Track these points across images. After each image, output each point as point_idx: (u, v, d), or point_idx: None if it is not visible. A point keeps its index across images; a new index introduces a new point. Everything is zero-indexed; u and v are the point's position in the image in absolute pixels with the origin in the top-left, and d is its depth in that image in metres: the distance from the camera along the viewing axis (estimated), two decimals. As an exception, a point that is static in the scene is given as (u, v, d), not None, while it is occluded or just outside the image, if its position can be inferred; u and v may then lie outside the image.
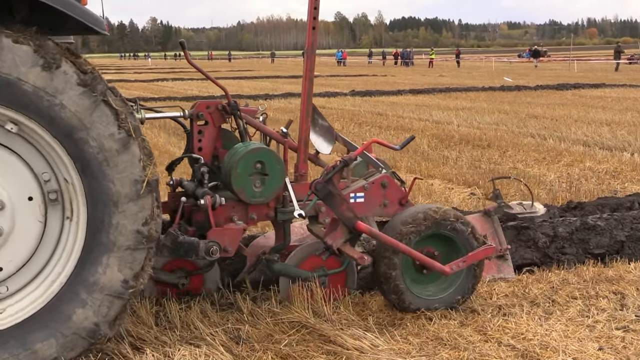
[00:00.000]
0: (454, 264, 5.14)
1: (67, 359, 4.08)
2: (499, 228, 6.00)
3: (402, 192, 5.52)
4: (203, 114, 5.40)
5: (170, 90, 35.14)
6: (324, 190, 5.02)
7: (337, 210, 5.09)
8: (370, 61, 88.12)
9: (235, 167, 5.02)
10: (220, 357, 4.37)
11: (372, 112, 21.92)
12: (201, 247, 4.82)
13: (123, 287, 4.14)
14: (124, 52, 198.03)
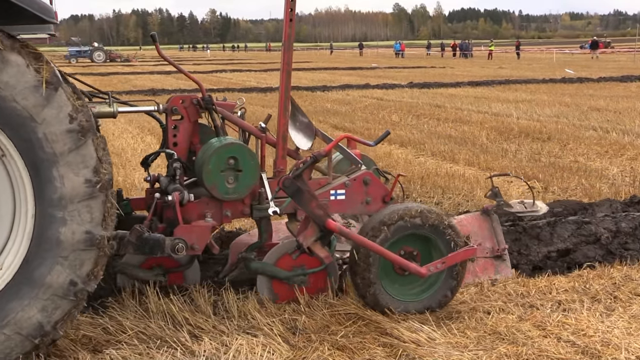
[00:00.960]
0: (432, 265, 4.96)
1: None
2: (498, 227, 5.83)
3: (385, 190, 5.35)
4: (177, 108, 5.28)
5: (229, 82, 35.39)
6: (292, 186, 4.89)
7: (307, 207, 4.94)
8: (429, 53, 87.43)
9: (207, 163, 4.92)
10: (277, 347, 4.40)
11: (430, 104, 21.75)
12: (167, 244, 4.71)
13: (70, 288, 4.01)
14: (184, 43, 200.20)
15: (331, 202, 5.24)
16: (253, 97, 25.43)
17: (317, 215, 4.96)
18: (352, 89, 29.05)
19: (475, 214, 5.92)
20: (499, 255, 5.77)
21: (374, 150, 12.60)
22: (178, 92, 27.78)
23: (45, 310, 4.01)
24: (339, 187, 5.26)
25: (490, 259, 5.76)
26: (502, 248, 5.76)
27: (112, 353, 4.35)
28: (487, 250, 5.76)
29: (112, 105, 5.11)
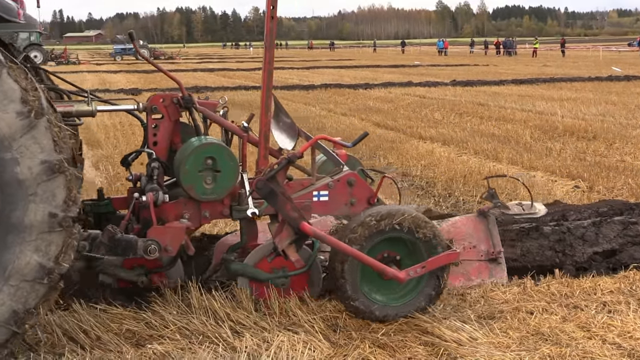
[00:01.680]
0: (412, 270, 4.81)
1: None
2: (494, 229, 5.67)
3: (370, 191, 5.24)
4: (157, 107, 5.16)
5: (271, 79, 35.46)
6: (265, 188, 4.77)
7: (281, 209, 4.83)
8: (472, 50, 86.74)
9: (184, 163, 4.85)
10: (318, 344, 4.41)
11: (474, 102, 21.59)
12: (139, 245, 4.65)
13: (40, 271, 3.96)
14: (227, 41, 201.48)
15: (314, 204, 5.14)
16: (295, 94, 25.52)
17: (291, 218, 4.82)
18: (394, 86, 28.96)
19: (471, 216, 5.77)
20: (494, 258, 5.62)
21: (416, 148, 12.56)
22: (221, 89, 27.99)
23: (17, 296, 3.96)
24: (322, 188, 5.16)
25: (485, 262, 5.61)
26: (497, 251, 5.60)
27: (154, 347, 4.39)
28: (482, 253, 5.61)
29: (90, 104, 5.04)
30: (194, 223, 5.09)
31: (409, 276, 4.82)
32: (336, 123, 16.64)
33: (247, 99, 23.68)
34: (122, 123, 17.33)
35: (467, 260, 5.56)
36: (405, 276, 4.80)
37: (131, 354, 4.31)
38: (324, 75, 39.66)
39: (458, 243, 5.53)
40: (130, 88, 28.95)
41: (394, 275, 4.78)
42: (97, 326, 4.68)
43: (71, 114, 5.02)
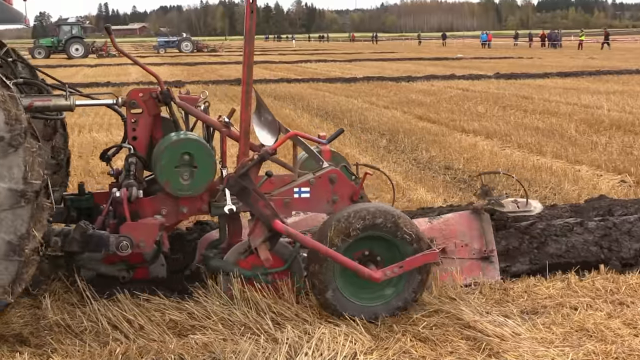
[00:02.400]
0: (389, 270, 4.69)
1: None
2: (488, 227, 5.53)
3: (353, 188, 5.16)
4: (136, 101, 5.06)
5: (314, 72, 35.52)
6: (237, 185, 4.73)
7: (253, 207, 4.77)
8: (516, 43, 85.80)
9: (159, 159, 4.82)
10: (359, 336, 4.40)
11: (517, 95, 21.36)
12: (111, 241, 4.64)
13: (9, 248, 4.00)
14: (269, 34, 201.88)
15: (295, 200, 5.10)
16: (337, 87, 25.49)
17: (264, 215, 4.76)
18: (437, 79, 28.78)
19: (465, 213, 5.65)
20: (487, 256, 5.51)
21: (458, 141, 12.47)
22: (263, 82, 28.07)
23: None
24: (303, 184, 5.10)
25: (477, 260, 5.50)
26: (489, 249, 5.50)
27: (197, 338, 4.43)
28: (474, 251, 5.50)
29: (69, 99, 5.00)
30: (172, 219, 5.06)
31: (386, 276, 4.71)
32: (378, 116, 16.58)
33: (290, 91, 23.71)
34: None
35: (459, 258, 5.45)
36: (382, 276, 4.69)
37: (174, 344, 4.35)
38: (366, 67, 39.54)
39: (449, 241, 5.44)
40: (174, 80, 29.17)
41: (369, 275, 4.67)
42: (140, 315, 4.74)
43: (49, 109, 5.01)
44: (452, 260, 5.43)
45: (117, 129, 14.66)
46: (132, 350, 4.26)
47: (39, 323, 4.76)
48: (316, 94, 22.48)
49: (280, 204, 5.06)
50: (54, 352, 4.31)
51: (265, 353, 4.22)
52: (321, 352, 4.20)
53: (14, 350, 4.32)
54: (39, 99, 4.98)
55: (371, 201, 5.49)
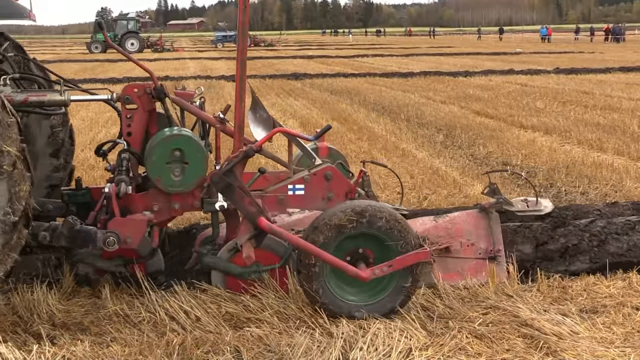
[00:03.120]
0: (377, 269, 4.62)
1: None
2: (495, 226, 5.42)
3: (348, 185, 5.10)
4: (130, 97, 5.02)
5: (370, 67, 35.44)
6: (221, 182, 4.68)
7: (238, 204, 4.72)
8: (577, 37, 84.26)
9: (151, 155, 4.81)
10: (415, 332, 4.38)
11: (578, 90, 20.98)
12: (98, 237, 4.64)
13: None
14: (326, 28, 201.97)
15: (290, 197, 5.05)
16: (394, 82, 25.39)
17: (249, 213, 4.71)
18: (495, 74, 28.44)
19: (472, 212, 5.53)
20: (493, 256, 5.39)
21: (517, 137, 12.31)
22: (319, 76, 28.12)
23: None
24: (297, 181, 5.05)
25: (483, 260, 5.39)
26: (496, 249, 5.38)
27: (252, 330, 4.46)
28: (481, 251, 5.38)
29: (63, 94, 5.00)
30: (164, 215, 5.05)
31: (375, 275, 4.64)
32: (435, 111, 16.47)
33: (346, 85, 23.70)
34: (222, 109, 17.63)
35: (464, 258, 5.36)
36: (370, 275, 4.63)
37: (230, 336, 4.39)
38: (423, 62, 39.29)
39: (455, 240, 5.35)
40: (231, 75, 29.40)
41: (356, 274, 4.62)
42: (197, 307, 4.79)
43: (44, 104, 5.02)
44: (456, 260, 5.35)
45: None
46: (188, 341, 4.32)
47: (99, 312, 4.86)
48: (373, 89, 22.42)
49: (274, 201, 5.05)
50: (113, 341, 4.39)
51: (320, 347, 4.23)
52: (376, 347, 4.19)
53: (75, 339, 4.41)
54: (34, 94, 5.00)
55: (378, 199, 5.43)
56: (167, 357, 4.14)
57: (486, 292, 5.07)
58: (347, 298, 4.73)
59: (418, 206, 7.63)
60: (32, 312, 4.74)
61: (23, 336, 4.44)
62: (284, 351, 4.19)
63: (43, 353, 4.13)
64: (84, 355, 4.14)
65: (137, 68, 5.61)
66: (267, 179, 5.20)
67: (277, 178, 5.21)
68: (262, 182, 5.16)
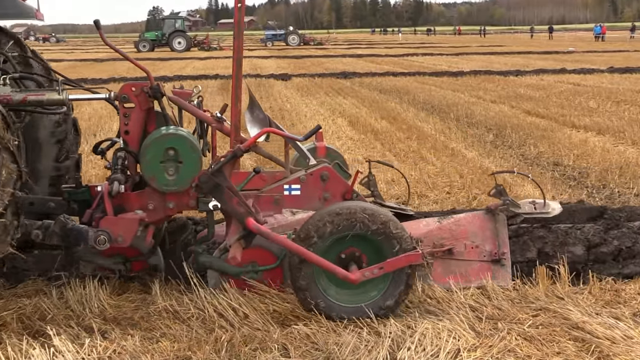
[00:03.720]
0: (368, 271, 4.59)
1: None
2: (502, 229, 5.31)
3: (345, 186, 5.04)
4: (128, 96, 4.96)
5: (420, 66, 35.26)
6: (209, 182, 4.69)
7: (227, 204, 4.73)
8: (632, 36, 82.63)
9: (144, 154, 4.78)
10: (463, 333, 4.34)
11: (633, 90, 20.58)
12: (90, 235, 4.65)
13: None
14: (376, 27, 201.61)
15: (286, 197, 5.03)
16: (444, 80, 25.23)
17: (237, 213, 4.73)
18: (546, 73, 28.07)
19: (478, 213, 5.44)
20: (498, 259, 5.29)
21: (568, 137, 12.13)
22: (369, 75, 28.07)
23: None
24: (293, 181, 5.03)
25: (488, 263, 5.29)
26: (501, 252, 5.28)
27: (300, 328, 4.47)
28: (485, 253, 5.29)
29: (62, 93, 4.99)
30: (159, 214, 5.01)
31: (365, 277, 4.61)
32: (485, 110, 16.31)
33: (395, 84, 23.62)
34: (272, 108, 17.73)
35: (467, 260, 5.28)
36: (360, 277, 4.60)
37: (277, 334, 4.41)
38: (473, 61, 38.96)
39: (459, 242, 5.27)
40: (280, 73, 29.55)
41: (345, 276, 4.59)
42: (245, 305, 4.82)
43: (43, 103, 5.02)
44: (460, 262, 5.29)
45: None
46: (236, 338, 4.35)
47: (149, 308, 4.92)
48: (422, 88, 22.31)
49: (270, 201, 5.05)
50: (162, 336, 4.44)
51: (367, 346, 4.22)
52: (424, 347, 4.17)
53: (125, 333, 4.47)
54: (33, 93, 5.01)
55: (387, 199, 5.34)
56: (215, 354, 4.17)
57: (536, 293, 5.01)
58: (339, 299, 4.72)
59: (467, 205, 7.56)
60: (84, 307, 4.82)
61: (76, 329, 4.52)
62: (332, 350, 4.20)
63: (95, 347, 4.20)
64: (134, 350, 4.20)
65: (188, 66, 5.67)
66: (264, 178, 5.19)
67: (274, 178, 5.21)
68: (259, 181, 5.15)
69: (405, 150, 11.20)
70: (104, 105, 16.36)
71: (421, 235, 5.22)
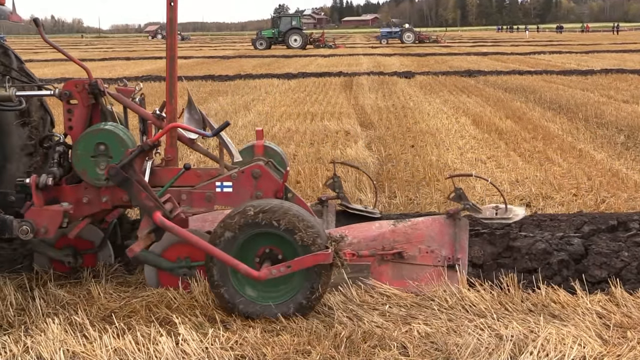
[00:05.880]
0: (275, 269, 4.56)
1: None
2: (462, 233, 5.19)
3: (277, 184, 5.03)
4: (71, 92, 5.07)
5: (547, 64, 34.28)
6: (118, 175, 4.70)
7: (136, 198, 4.77)
8: None
9: (76, 148, 4.88)
10: (589, 340, 4.19)
11: None
12: (14, 226, 4.73)
13: None
14: (502, 24, 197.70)
15: (218, 195, 5.07)
16: (572, 79, 24.44)
17: (145, 207, 4.77)
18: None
19: (439, 218, 5.29)
20: (452, 264, 5.14)
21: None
22: (494, 73, 27.56)
23: None
24: (225, 179, 5.06)
25: (441, 268, 5.15)
26: (455, 257, 5.15)
27: (419, 327, 4.45)
28: (440, 258, 5.17)
29: (8, 90, 5.06)
30: (93, 208, 5.11)
31: (272, 275, 4.59)
32: (616, 110, 15.69)
33: (521, 83, 23.07)
34: (395, 105, 17.70)
35: (420, 265, 5.17)
36: (267, 274, 4.58)
37: (397, 332, 4.40)
38: (604, 60, 37.54)
39: (413, 246, 5.16)
40: (404, 71, 29.43)
41: (247, 272, 4.58)
42: (360, 305, 4.87)
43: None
44: (412, 266, 5.18)
45: (347, 117, 15.04)
46: (356, 334, 4.36)
47: (270, 301, 5.00)
48: (549, 87, 21.69)
49: (202, 197, 5.10)
50: (282, 329, 4.51)
51: (488, 349, 4.15)
52: (547, 352, 4.06)
53: (247, 325, 4.56)
54: None
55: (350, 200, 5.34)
56: (334, 349, 4.20)
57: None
58: (254, 297, 4.73)
59: (594, 209, 7.30)
60: (208, 298, 4.95)
61: (200, 318, 4.65)
62: (451, 350, 4.15)
63: (217, 337, 4.31)
64: (255, 342, 4.28)
65: (312, 63, 5.76)
66: (199, 175, 5.23)
67: (209, 175, 5.24)
68: (194, 178, 5.21)
69: (531, 151, 10.94)
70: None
71: (371, 238, 5.22)
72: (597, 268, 5.28)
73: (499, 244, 5.51)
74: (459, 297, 4.90)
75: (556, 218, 6.54)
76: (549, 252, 5.39)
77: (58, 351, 4.14)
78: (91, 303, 4.98)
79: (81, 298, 5.05)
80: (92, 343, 4.26)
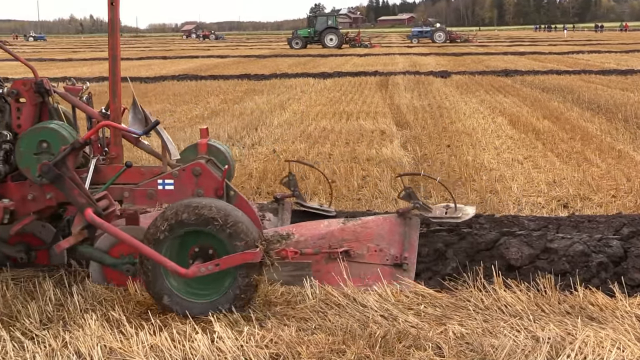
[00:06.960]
0: (203, 267, 4.61)
1: None
2: (412, 233, 5.24)
3: (217, 182, 5.04)
4: (19, 91, 5.13)
5: (586, 63, 33.87)
6: (50, 172, 4.78)
7: (69, 195, 4.84)
8: None
9: (19, 145, 4.95)
10: (628, 344, 4.13)
11: None
12: None
13: None
14: (539, 23, 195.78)
15: (160, 192, 5.10)
16: (612, 79, 24.11)
17: (77, 203, 4.84)
18: None
19: (390, 217, 5.31)
20: (400, 263, 5.15)
21: None
22: (531, 73, 27.31)
23: None
24: (167, 176, 5.09)
25: (389, 267, 5.15)
26: (402, 257, 5.20)
27: (454, 327, 4.43)
28: (389, 257, 5.22)
29: None
30: (39, 204, 5.16)
31: (200, 273, 4.63)
32: (657, 111, 15.46)
33: (559, 83, 22.83)
34: (431, 105, 17.62)
35: (367, 263, 5.18)
36: (195, 272, 4.63)
37: (432, 332, 4.38)
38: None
39: (362, 244, 5.18)
40: (440, 70, 29.30)
41: (174, 269, 4.62)
42: (395, 304, 4.85)
43: None
44: (359, 265, 5.18)
45: (382, 117, 15.02)
46: (391, 334, 4.35)
47: (305, 301, 5.00)
48: (587, 87, 21.42)
49: (144, 195, 5.13)
50: (317, 328, 4.51)
51: (524, 351, 4.11)
52: (585, 355, 4.01)
53: (282, 323, 4.58)
54: None
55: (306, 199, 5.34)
56: (369, 349, 4.19)
57: None
58: (188, 296, 4.77)
59: (634, 210, 7.20)
60: (244, 295, 4.97)
61: (235, 315, 4.67)
62: (487, 351, 4.12)
63: (253, 335, 4.33)
64: (290, 340, 4.29)
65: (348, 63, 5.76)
66: (142, 173, 5.28)
67: (152, 172, 5.27)
68: (138, 176, 5.26)
69: (568, 151, 10.82)
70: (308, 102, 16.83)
71: (318, 236, 5.26)
72: (637, 271, 5.21)
73: (536, 245, 5.46)
74: (495, 297, 4.87)
75: (594, 219, 6.47)
76: (587, 254, 5.33)
77: (95, 347, 4.19)
78: (128, 299, 5.03)
79: (118, 294, 5.10)
80: (128, 339, 4.30)
